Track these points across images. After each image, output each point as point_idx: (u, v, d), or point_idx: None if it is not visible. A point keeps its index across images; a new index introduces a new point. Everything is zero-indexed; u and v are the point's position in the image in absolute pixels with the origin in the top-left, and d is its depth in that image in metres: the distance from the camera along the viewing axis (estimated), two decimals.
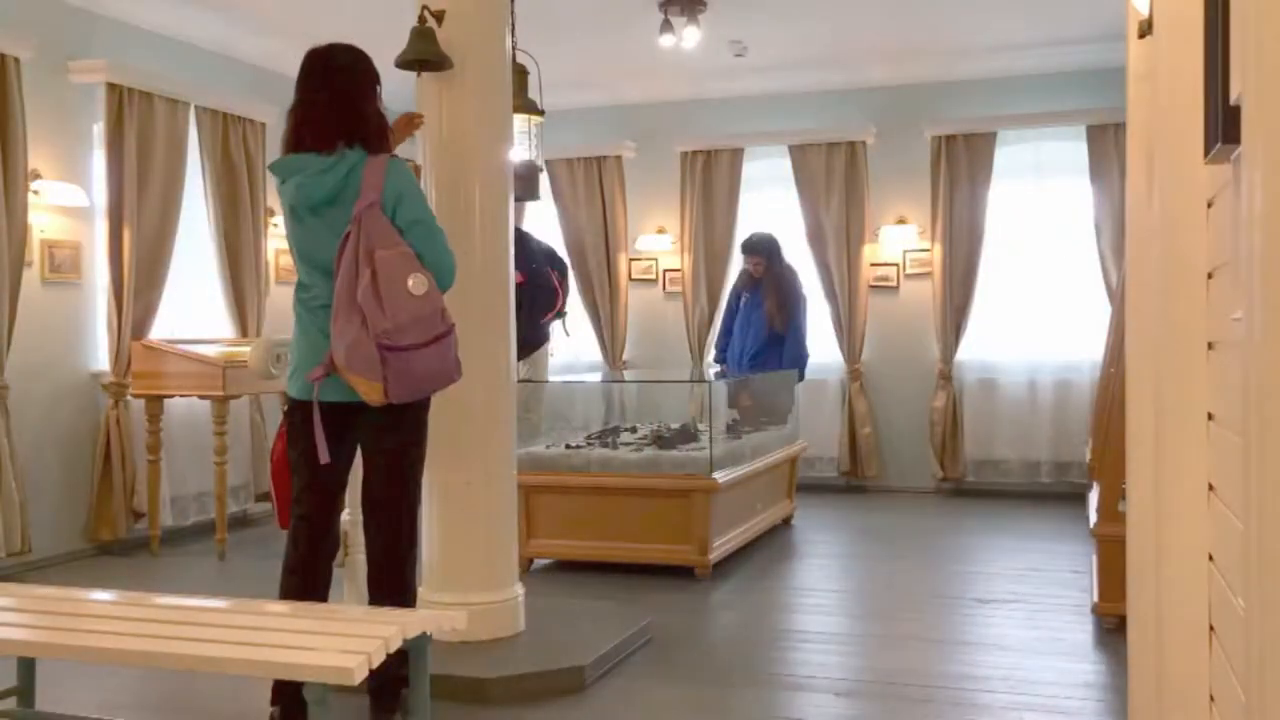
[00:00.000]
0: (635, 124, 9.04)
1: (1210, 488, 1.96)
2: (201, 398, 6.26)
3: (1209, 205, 1.95)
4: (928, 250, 8.35)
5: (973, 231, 8.18)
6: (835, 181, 8.44)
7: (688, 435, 6.29)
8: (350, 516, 4.24)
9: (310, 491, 3.44)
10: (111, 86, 6.25)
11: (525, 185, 5.36)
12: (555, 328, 7.15)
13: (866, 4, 7.01)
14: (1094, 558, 4.70)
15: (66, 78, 6.21)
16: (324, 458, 3.27)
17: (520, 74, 5.05)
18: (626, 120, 9.06)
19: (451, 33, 4.11)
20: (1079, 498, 7.33)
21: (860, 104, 8.54)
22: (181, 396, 6.36)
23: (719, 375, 7.41)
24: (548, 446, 6.21)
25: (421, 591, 4.29)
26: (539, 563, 5.89)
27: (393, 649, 2.67)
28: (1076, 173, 8.05)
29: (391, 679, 3.24)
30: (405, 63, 4.11)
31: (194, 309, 7.08)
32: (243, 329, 7.13)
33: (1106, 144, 7.83)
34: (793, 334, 7.26)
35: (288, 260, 7.82)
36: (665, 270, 9.05)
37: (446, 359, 3.33)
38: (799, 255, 8.61)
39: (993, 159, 8.14)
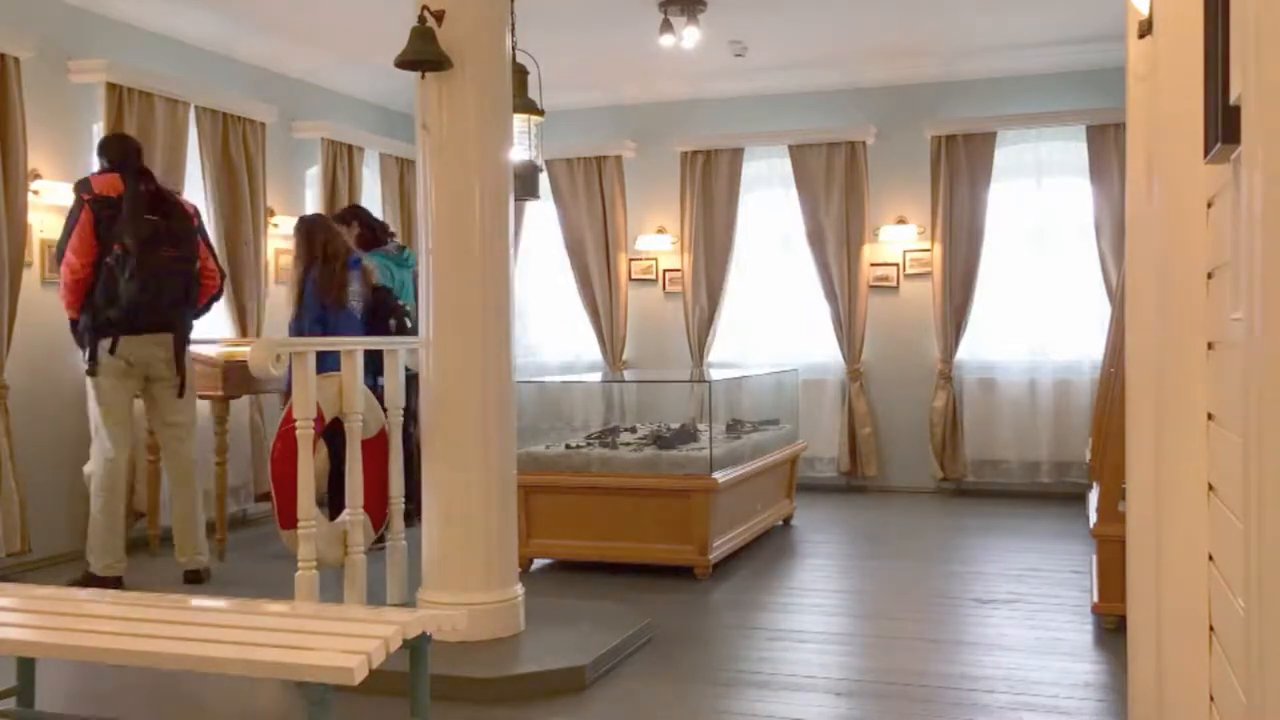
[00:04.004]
0: (635, 124, 9.04)
1: (1210, 488, 1.96)
2: (201, 398, 6.25)
3: (1209, 205, 1.96)
4: (928, 250, 8.35)
5: (973, 231, 8.18)
6: (835, 181, 8.44)
7: (688, 435, 6.29)
8: (350, 516, 4.24)
9: None
10: (111, 86, 6.24)
11: (525, 185, 5.36)
12: None
13: (866, 4, 7.01)
14: (1094, 558, 4.70)
15: (66, 78, 6.21)
16: None
17: (520, 74, 5.04)
18: (626, 120, 9.06)
19: (451, 33, 4.11)
20: (1079, 498, 7.34)
21: (860, 104, 8.54)
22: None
23: None
24: (547, 447, 6.21)
25: (421, 591, 4.29)
26: (539, 563, 5.89)
27: (393, 649, 2.67)
28: (1076, 173, 8.05)
29: None
30: (405, 63, 4.11)
31: None
32: (242, 329, 7.12)
33: (1106, 144, 7.83)
34: None
35: (287, 260, 7.86)
36: (665, 270, 9.05)
37: None
38: (799, 255, 8.64)
39: (993, 159, 8.14)
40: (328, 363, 4.70)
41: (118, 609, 3.11)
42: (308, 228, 6.23)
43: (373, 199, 8.55)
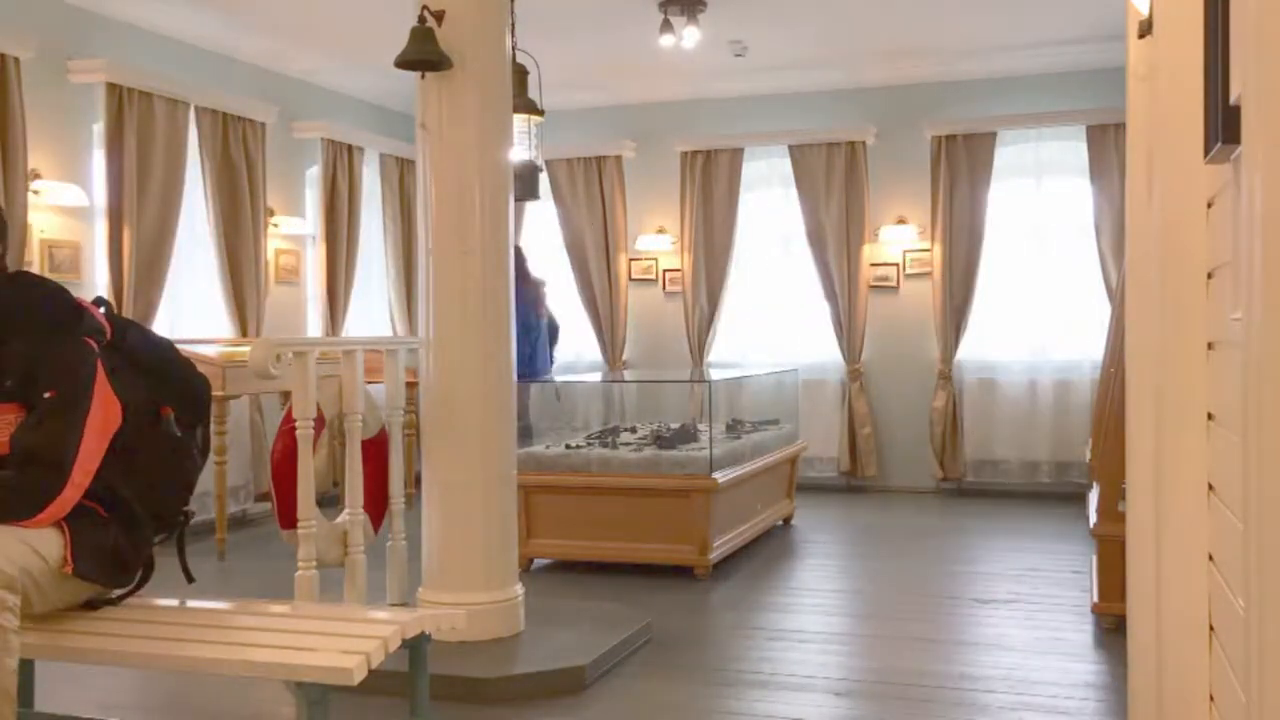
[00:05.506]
0: (635, 124, 9.04)
1: (1210, 488, 1.96)
2: None
3: (1209, 205, 1.96)
4: (928, 250, 8.35)
5: (973, 231, 8.18)
6: (835, 181, 8.44)
7: (688, 435, 6.29)
8: (351, 516, 4.24)
9: None
10: (111, 86, 6.25)
11: (525, 185, 5.36)
12: None
13: (866, 4, 7.01)
14: (1094, 558, 4.70)
15: (66, 78, 6.21)
16: None
17: (520, 74, 5.05)
18: (626, 120, 9.06)
19: (451, 33, 4.11)
20: (1079, 498, 7.34)
21: (860, 104, 8.54)
22: None
23: None
24: (547, 446, 6.21)
25: (421, 591, 4.29)
26: (539, 563, 5.89)
27: (393, 649, 2.67)
28: (1076, 173, 8.05)
29: None
30: (405, 63, 4.10)
31: (194, 309, 7.07)
32: (243, 329, 7.12)
33: (1106, 144, 7.83)
34: None
35: (288, 260, 7.87)
36: (665, 270, 9.05)
37: None
38: (799, 255, 8.64)
39: (993, 159, 8.15)
40: None
41: (117, 609, 3.11)
42: None
43: (373, 199, 8.55)
